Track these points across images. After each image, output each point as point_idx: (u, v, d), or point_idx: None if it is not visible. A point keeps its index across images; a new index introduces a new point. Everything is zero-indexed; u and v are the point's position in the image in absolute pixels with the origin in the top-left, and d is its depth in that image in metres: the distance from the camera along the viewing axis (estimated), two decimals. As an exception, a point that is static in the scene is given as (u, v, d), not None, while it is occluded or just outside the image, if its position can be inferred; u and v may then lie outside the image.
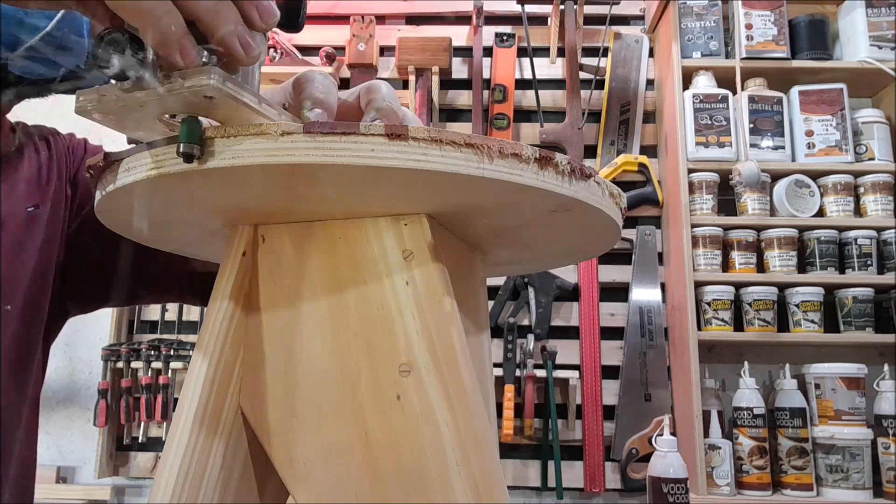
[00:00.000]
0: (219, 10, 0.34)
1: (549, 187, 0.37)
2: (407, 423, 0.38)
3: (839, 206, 1.77)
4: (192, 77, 0.33)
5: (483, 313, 0.53)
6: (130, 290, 0.71)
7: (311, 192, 0.37)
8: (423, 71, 1.92)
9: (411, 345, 0.38)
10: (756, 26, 1.85)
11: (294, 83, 0.45)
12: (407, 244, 0.40)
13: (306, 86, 0.44)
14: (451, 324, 0.38)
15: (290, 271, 0.42)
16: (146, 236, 0.50)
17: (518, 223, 0.44)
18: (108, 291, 0.70)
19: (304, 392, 0.40)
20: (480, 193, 0.37)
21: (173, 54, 0.33)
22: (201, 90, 0.33)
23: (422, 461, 0.37)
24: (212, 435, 0.40)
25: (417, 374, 0.38)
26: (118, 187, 0.38)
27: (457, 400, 0.37)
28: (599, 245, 0.50)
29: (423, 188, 0.37)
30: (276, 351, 0.41)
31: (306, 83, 0.44)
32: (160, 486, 0.38)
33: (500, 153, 0.35)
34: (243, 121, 0.36)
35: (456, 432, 0.37)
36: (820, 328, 1.73)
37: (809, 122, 1.82)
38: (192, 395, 0.39)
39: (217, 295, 0.42)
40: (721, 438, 1.67)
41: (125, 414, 1.80)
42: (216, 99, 0.34)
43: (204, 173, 0.35)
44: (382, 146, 0.34)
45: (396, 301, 0.39)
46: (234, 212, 0.42)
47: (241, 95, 0.35)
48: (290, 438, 0.40)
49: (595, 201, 0.40)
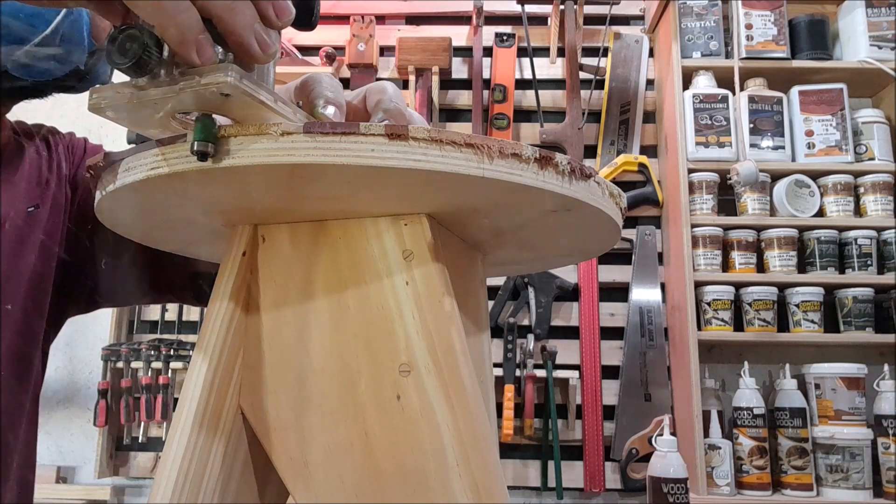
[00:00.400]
0: (236, 8, 0.34)
1: (549, 187, 0.37)
2: (407, 423, 0.38)
3: (839, 206, 1.77)
4: (208, 74, 0.33)
5: (483, 313, 0.53)
6: (129, 290, 0.71)
7: (311, 192, 0.37)
8: (423, 71, 1.92)
9: (411, 345, 0.38)
10: (756, 26, 1.85)
11: (302, 84, 0.46)
12: (407, 244, 0.40)
13: (315, 86, 0.44)
14: (451, 324, 0.38)
15: (290, 271, 0.42)
16: (146, 236, 0.50)
17: (518, 223, 0.44)
18: (106, 292, 0.70)
19: (304, 392, 0.40)
20: (480, 193, 0.37)
21: (190, 52, 0.33)
22: (218, 87, 0.33)
23: (422, 461, 0.37)
24: (212, 435, 0.40)
25: (417, 374, 0.38)
26: (118, 187, 0.38)
27: (457, 400, 0.37)
28: (600, 245, 0.50)
29: (423, 188, 0.37)
30: (277, 351, 0.41)
31: (315, 84, 0.45)
32: (160, 487, 0.38)
33: (500, 153, 0.35)
34: (258, 119, 0.36)
35: (456, 432, 0.37)
36: (820, 328, 1.73)
37: (809, 122, 1.82)
38: (192, 396, 0.39)
39: (217, 295, 0.42)
40: (721, 438, 1.67)
41: (125, 414, 1.80)
42: (232, 96, 0.34)
43: (203, 173, 0.35)
44: (382, 146, 0.34)
45: (396, 301, 0.39)
46: (234, 212, 0.42)
47: (258, 93, 0.35)
48: (291, 438, 0.40)
49: (595, 201, 0.40)
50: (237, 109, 0.36)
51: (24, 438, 0.62)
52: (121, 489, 1.87)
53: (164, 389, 1.82)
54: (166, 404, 1.82)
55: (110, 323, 1.88)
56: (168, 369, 1.84)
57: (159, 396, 1.81)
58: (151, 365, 1.82)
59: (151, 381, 1.82)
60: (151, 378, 1.82)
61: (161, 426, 1.84)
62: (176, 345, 1.85)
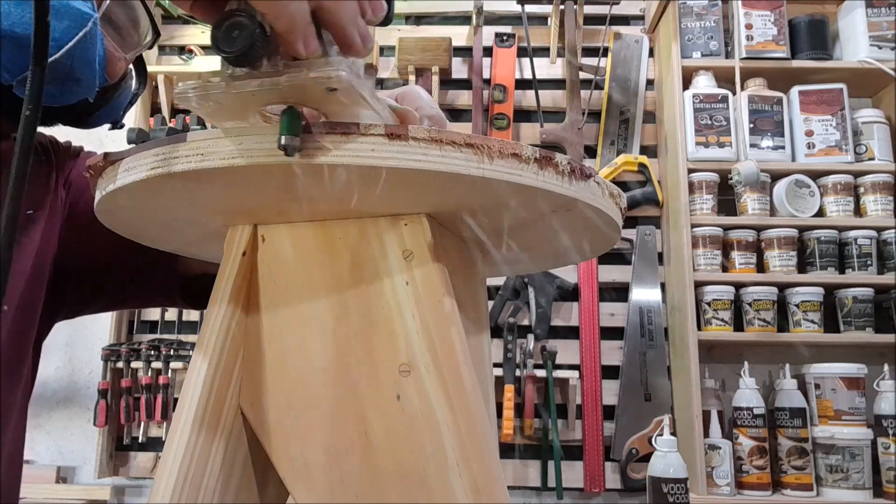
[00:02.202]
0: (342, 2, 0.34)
1: (549, 187, 0.37)
2: (407, 422, 0.38)
3: (839, 206, 1.77)
4: (317, 68, 0.32)
5: (483, 313, 0.53)
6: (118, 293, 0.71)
7: (311, 192, 0.37)
8: (423, 71, 1.92)
9: (411, 345, 0.38)
10: (756, 26, 1.85)
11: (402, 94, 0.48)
12: (407, 244, 0.40)
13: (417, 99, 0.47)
14: (451, 324, 0.38)
15: (290, 271, 0.42)
16: (146, 236, 0.50)
17: (518, 223, 0.44)
18: (95, 295, 0.70)
19: (304, 392, 0.40)
20: (480, 193, 0.37)
21: (298, 42, 0.32)
22: (327, 82, 0.32)
23: (422, 461, 0.37)
24: (212, 435, 0.40)
25: (417, 374, 0.38)
26: (118, 187, 0.38)
27: (457, 400, 0.37)
28: (600, 245, 0.50)
29: (423, 188, 0.37)
30: (277, 351, 0.41)
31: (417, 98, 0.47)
32: (160, 486, 0.38)
33: (500, 153, 0.35)
34: (352, 116, 0.36)
35: (456, 432, 0.37)
36: (820, 328, 1.73)
37: (809, 122, 1.82)
38: (192, 396, 0.39)
39: (216, 295, 0.42)
40: (721, 438, 1.66)
41: (125, 414, 1.80)
42: (339, 91, 0.33)
43: (201, 173, 0.35)
44: (383, 146, 0.33)
45: (396, 301, 0.39)
46: (234, 212, 0.42)
47: (362, 89, 0.34)
48: (290, 438, 0.40)
49: (595, 201, 0.40)
50: (334, 105, 0.35)
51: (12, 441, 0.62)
52: (121, 489, 1.87)
53: (164, 389, 1.82)
54: (166, 404, 1.82)
55: (110, 323, 1.88)
56: (168, 369, 1.84)
57: (159, 396, 1.81)
58: (151, 365, 1.82)
59: (151, 381, 1.82)
60: (151, 378, 1.82)
61: (161, 426, 1.84)
62: (176, 345, 1.85)
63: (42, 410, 1.90)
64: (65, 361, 1.94)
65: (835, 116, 1.81)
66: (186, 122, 1.88)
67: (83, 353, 1.94)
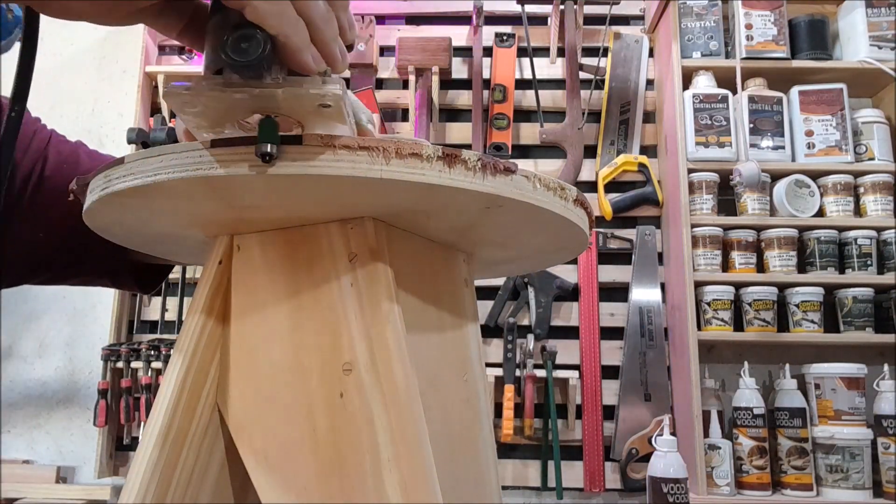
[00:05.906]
0: (330, 19, 0.35)
1: (458, 184, 0.37)
2: (348, 419, 0.39)
3: (839, 206, 1.77)
4: (316, 84, 0.34)
5: (467, 310, 0.54)
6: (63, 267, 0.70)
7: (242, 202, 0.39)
8: (423, 71, 1.93)
9: (353, 344, 0.40)
10: (756, 26, 1.85)
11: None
12: (352, 247, 0.41)
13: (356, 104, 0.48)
14: (386, 324, 0.40)
15: (257, 276, 0.44)
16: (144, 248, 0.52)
17: (468, 222, 0.44)
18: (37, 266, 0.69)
19: (266, 389, 0.42)
20: (389, 194, 0.38)
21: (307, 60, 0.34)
22: (322, 98, 0.34)
23: (359, 457, 0.38)
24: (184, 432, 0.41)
25: (357, 372, 0.39)
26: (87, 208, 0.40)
27: (390, 398, 0.38)
28: (572, 241, 0.50)
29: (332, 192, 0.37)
30: (246, 350, 0.43)
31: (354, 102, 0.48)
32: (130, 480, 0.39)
33: (397, 154, 0.35)
34: (329, 129, 0.37)
35: (389, 431, 0.38)
36: (820, 328, 1.73)
37: (809, 122, 1.82)
38: (166, 392, 0.41)
39: (194, 301, 0.44)
40: (721, 438, 1.66)
41: (125, 414, 1.80)
42: (332, 107, 0.35)
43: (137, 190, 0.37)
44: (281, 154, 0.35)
45: (342, 302, 0.40)
46: (208, 223, 0.44)
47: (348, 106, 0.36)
48: (255, 433, 0.42)
49: (524, 196, 0.40)
50: (318, 119, 0.36)
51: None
52: (121, 489, 1.86)
53: (164, 389, 1.82)
54: (166, 404, 1.82)
55: (110, 323, 1.88)
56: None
57: (159, 396, 1.81)
58: (151, 365, 1.82)
59: (151, 380, 1.82)
60: (151, 378, 1.82)
61: (161, 426, 1.85)
62: (176, 345, 1.85)
63: (42, 410, 1.91)
64: (65, 361, 1.94)
65: (835, 116, 1.81)
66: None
67: (83, 353, 1.95)
